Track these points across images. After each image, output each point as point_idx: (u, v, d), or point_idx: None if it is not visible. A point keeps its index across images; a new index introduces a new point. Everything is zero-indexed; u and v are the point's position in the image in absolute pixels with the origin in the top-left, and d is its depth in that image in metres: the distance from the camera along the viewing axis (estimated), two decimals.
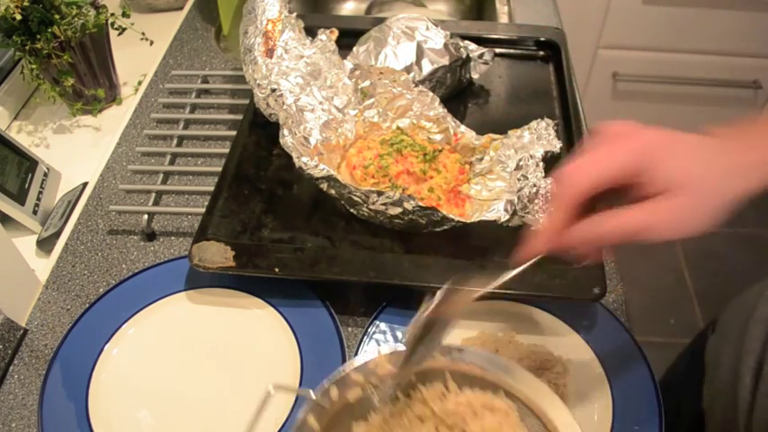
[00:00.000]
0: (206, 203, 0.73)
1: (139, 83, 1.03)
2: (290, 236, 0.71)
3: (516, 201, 0.68)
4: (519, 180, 0.70)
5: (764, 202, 0.50)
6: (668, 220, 0.41)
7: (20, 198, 0.81)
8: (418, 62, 0.84)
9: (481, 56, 0.88)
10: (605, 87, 1.92)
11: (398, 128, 0.78)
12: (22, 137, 0.97)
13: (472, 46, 0.88)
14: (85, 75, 0.95)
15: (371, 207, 0.67)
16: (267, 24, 0.78)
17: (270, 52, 0.77)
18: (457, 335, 0.64)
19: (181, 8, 1.20)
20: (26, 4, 0.85)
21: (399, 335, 0.64)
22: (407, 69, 0.84)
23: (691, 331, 0.83)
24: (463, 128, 0.77)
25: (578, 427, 0.45)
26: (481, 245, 0.68)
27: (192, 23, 1.14)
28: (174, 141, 0.88)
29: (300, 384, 0.61)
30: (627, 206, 0.41)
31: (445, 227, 0.67)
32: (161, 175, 0.83)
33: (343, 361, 0.62)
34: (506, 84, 0.93)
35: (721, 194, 0.41)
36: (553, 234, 0.44)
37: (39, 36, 0.88)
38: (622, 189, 0.42)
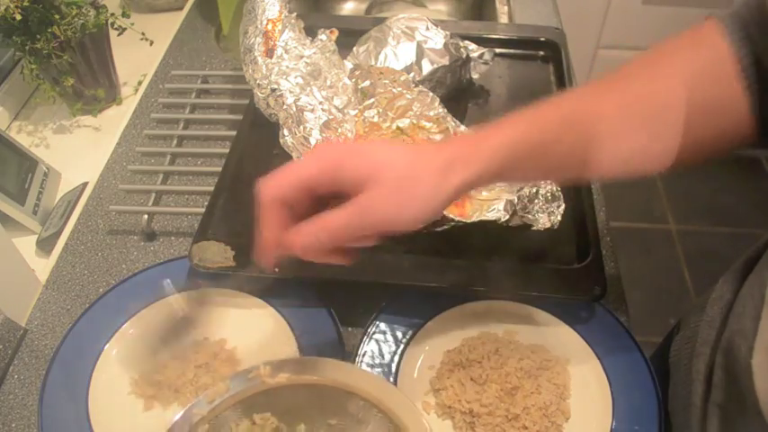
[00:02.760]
0: (206, 203, 0.73)
1: (139, 83, 1.03)
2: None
3: (516, 201, 0.68)
4: None
5: (765, 202, 0.50)
6: (365, 210, 0.42)
7: (20, 198, 0.81)
8: (418, 62, 0.84)
9: (481, 56, 0.88)
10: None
11: (398, 128, 0.78)
12: (22, 137, 0.97)
13: (472, 46, 0.88)
14: (85, 75, 0.95)
15: None
16: (267, 24, 0.78)
17: (270, 52, 0.77)
18: (456, 335, 0.65)
19: (181, 8, 1.20)
20: (26, 4, 0.85)
21: (393, 338, 0.64)
22: (407, 69, 0.84)
23: None
24: (463, 128, 0.77)
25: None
26: (481, 245, 0.68)
27: (192, 23, 1.14)
28: (174, 141, 0.88)
29: None
30: (337, 207, 0.43)
31: (445, 227, 0.67)
32: (161, 175, 0.83)
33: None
34: (506, 84, 0.93)
35: (415, 184, 0.42)
36: (271, 241, 0.45)
37: (39, 36, 0.88)
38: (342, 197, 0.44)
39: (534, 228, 0.68)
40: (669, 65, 0.49)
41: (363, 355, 0.63)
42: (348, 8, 1.31)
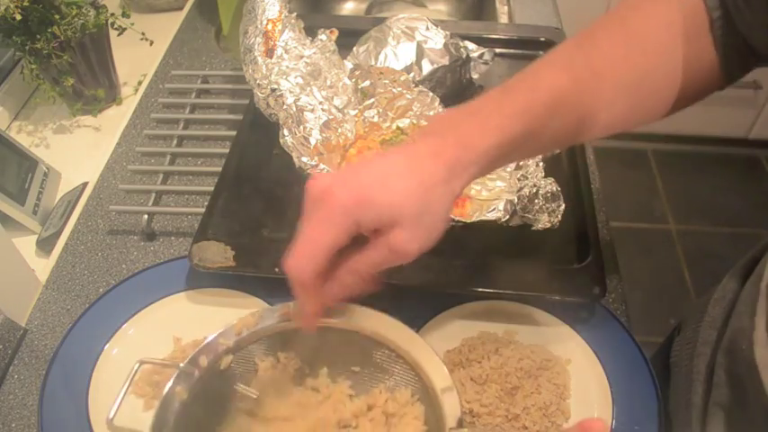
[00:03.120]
0: (206, 203, 0.73)
1: (139, 83, 1.03)
2: (290, 236, 0.70)
3: (516, 201, 0.68)
4: (519, 180, 0.70)
5: (765, 202, 0.51)
6: (397, 250, 0.44)
7: (20, 198, 0.81)
8: (418, 62, 0.84)
9: (481, 56, 0.88)
10: None
11: (398, 128, 0.78)
12: (22, 137, 0.97)
13: (472, 46, 0.88)
14: (85, 75, 0.95)
15: None
16: (267, 24, 0.78)
17: (270, 52, 0.77)
18: (456, 335, 0.64)
19: (181, 8, 1.20)
20: (26, 4, 0.85)
21: None
22: (407, 69, 0.84)
23: None
24: None
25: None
26: (481, 245, 0.68)
27: (192, 23, 1.14)
28: (174, 141, 0.88)
29: None
30: (364, 248, 0.45)
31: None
32: (161, 175, 0.83)
33: None
34: None
35: (431, 211, 0.44)
36: (314, 313, 0.48)
37: (39, 36, 0.88)
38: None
39: (534, 228, 0.68)
40: (642, 23, 0.50)
41: None
42: (348, 8, 1.31)
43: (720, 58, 0.50)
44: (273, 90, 0.75)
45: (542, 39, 0.97)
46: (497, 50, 0.92)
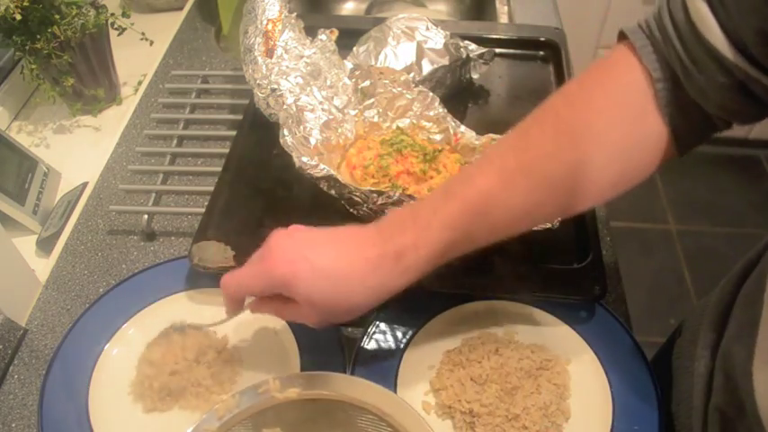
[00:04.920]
0: (206, 203, 0.73)
1: (139, 83, 1.03)
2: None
3: None
4: None
5: (765, 202, 0.51)
6: (301, 319, 0.53)
7: (20, 198, 0.81)
8: (418, 62, 0.84)
9: (481, 56, 0.88)
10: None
11: (398, 128, 0.78)
12: (22, 137, 0.97)
13: (472, 46, 0.88)
14: (85, 75, 0.95)
15: (371, 207, 0.67)
16: (267, 24, 0.78)
17: (270, 52, 0.77)
18: (456, 335, 0.65)
19: (181, 8, 1.20)
20: (26, 4, 0.85)
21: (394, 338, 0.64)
22: (407, 69, 0.84)
23: None
24: (463, 128, 0.77)
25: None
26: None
27: (192, 23, 1.14)
28: (174, 141, 0.88)
29: None
30: (283, 300, 0.53)
31: None
32: (161, 175, 0.83)
33: (343, 361, 0.62)
34: (506, 84, 0.93)
35: (339, 307, 0.51)
36: (232, 311, 0.57)
37: (39, 36, 0.88)
38: None
39: (534, 228, 0.68)
40: (574, 115, 0.51)
41: (363, 355, 0.63)
42: (348, 8, 1.31)
43: (671, 131, 0.49)
44: (273, 90, 0.75)
45: (542, 39, 0.97)
46: (497, 50, 0.92)
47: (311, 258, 0.50)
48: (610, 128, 0.50)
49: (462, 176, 0.54)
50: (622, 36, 0.51)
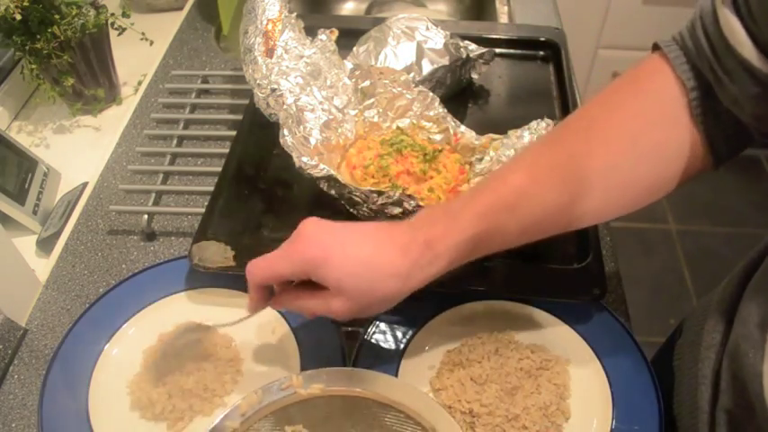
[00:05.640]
0: (206, 203, 0.73)
1: (139, 83, 1.03)
2: (290, 236, 0.71)
3: None
4: None
5: (765, 202, 0.51)
6: (329, 311, 0.51)
7: (20, 198, 0.81)
8: (418, 62, 0.84)
9: (481, 56, 0.88)
10: (605, 87, 1.93)
11: (398, 128, 0.78)
12: (22, 137, 0.97)
13: (472, 46, 0.88)
14: (85, 75, 0.95)
15: (371, 207, 0.67)
16: (267, 24, 0.78)
17: (270, 52, 0.77)
18: (457, 335, 0.65)
19: (181, 8, 1.20)
20: (26, 4, 0.85)
21: (394, 337, 0.64)
22: (407, 69, 0.84)
23: None
24: (463, 128, 0.77)
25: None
26: None
27: (192, 23, 1.14)
28: (174, 141, 0.88)
29: None
30: (310, 292, 0.52)
31: None
32: (161, 175, 0.83)
33: (344, 362, 0.62)
34: (506, 84, 0.93)
35: (374, 297, 0.50)
36: (256, 305, 0.56)
37: (39, 36, 0.88)
38: None
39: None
40: (608, 117, 0.51)
41: (363, 355, 0.63)
42: (348, 8, 1.31)
43: (706, 141, 0.49)
44: (273, 90, 0.75)
45: (542, 39, 0.97)
46: (497, 50, 0.92)
47: (343, 243, 0.49)
48: (645, 132, 0.50)
49: (494, 175, 0.54)
50: (656, 47, 0.52)
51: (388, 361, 0.62)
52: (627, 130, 0.50)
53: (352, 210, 0.70)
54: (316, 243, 0.50)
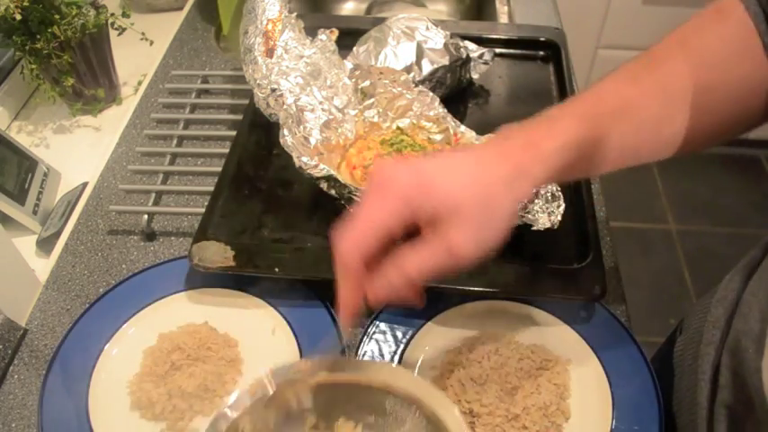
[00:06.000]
0: (206, 203, 0.73)
1: (139, 83, 1.03)
2: (290, 236, 0.71)
3: None
4: None
5: (765, 202, 0.51)
6: (453, 250, 0.42)
7: (20, 198, 0.81)
8: (418, 62, 0.84)
9: (481, 56, 0.88)
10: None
11: (398, 128, 0.78)
12: (22, 137, 0.97)
13: (472, 46, 0.88)
14: (85, 75, 0.95)
15: None
16: (267, 24, 0.78)
17: (270, 52, 0.77)
18: (457, 335, 0.65)
19: (181, 8, 1.20)
20: (26, 4, 0.85)
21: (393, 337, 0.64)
22: (407, 69, 0.84)
23: None
24: (463, 128, 0.77)
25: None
26: None
27: (192, 23, 1.14)
28: (174, 141, 0.88)
29: None
30: (418, 245, 0.42)
31: None
32: (161, 175, 0.83)
33: None
34: (506, 84, 0.93)
35: (490, 207, 0.43)
36: (354, 305, 0.45)
37: (39, 36, 0.88)
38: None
39: (534, 228, 0.68)
40: (701, 41, 0.50)
41: (363, 355, 0.63)
42: (348, 8, 1.31)
43: None
44: (273, 90, 0.75)
45: (542, 39, 0.97)
46: (497, 50, 0.92)
47: (438, 164, 0.43)
48: (731, 57, 0.49)
49: (592, 87, 0.50)
50: None
51: (389, 361, 0.62)
52: (720, 55, 0.50)
53: (352, 210, 0.70)
54: (407, 173, 0.42)
